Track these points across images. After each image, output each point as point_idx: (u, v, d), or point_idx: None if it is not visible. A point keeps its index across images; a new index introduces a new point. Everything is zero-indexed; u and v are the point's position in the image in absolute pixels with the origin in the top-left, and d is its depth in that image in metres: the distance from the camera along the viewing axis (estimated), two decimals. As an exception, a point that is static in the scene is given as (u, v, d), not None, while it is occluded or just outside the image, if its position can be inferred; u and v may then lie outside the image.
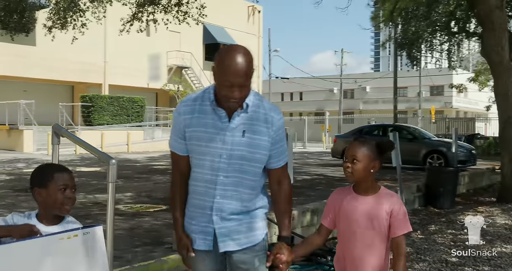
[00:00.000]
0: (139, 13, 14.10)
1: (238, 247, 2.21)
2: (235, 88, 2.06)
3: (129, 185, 9.73)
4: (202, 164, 2.17)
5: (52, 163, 2.40)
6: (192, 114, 2.18)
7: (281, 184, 2.30)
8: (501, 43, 7.57)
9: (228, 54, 2.09)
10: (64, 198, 2.09)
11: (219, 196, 2.18)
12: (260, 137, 2.17)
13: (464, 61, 31.18)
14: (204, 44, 32.12)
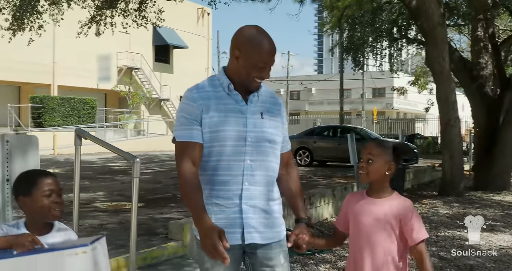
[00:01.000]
0: (98, 16, 14.31)
1: (262, 241, 2.11)
2: (268, 69, 2.10)
3: (97, 185, 10.05)
4: (223, 150, 2.07)
5: (34, 169, 2.27)
6: (208, 99, 2.09)
7: (289, 167, 2.29)
8: (443, 55, 8.52)
9: (260, 35, 2.10)
10: (50, 203, 2.01)
11: (247, 182, 2.09)
12: (276, 118, 2.19)
13: (405, 65, 32.81)
14: (154, 45, 32.21)
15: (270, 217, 2.14)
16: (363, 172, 2.26)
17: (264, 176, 2.12)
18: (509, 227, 6.69)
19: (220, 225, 1.93)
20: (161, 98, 31.71)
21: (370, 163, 2.24)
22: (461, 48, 23.89)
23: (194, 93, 2.11)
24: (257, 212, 2.10)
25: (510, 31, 19.76)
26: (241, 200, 2.07)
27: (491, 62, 12.38)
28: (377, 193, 2.28)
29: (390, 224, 2.23)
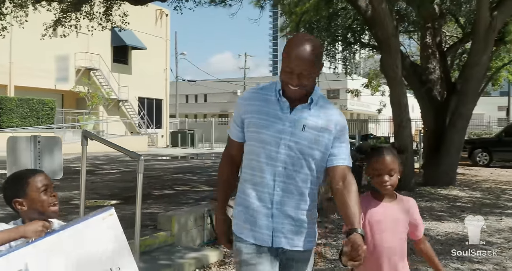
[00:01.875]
0: (63, 18, 14.48)
1: (289, 247, 2.18)
2: (294, 76, 2.09)
3: (69, 185, 10.34)
4: (259, 151, 2.16)
5: (20, 171, 2.23)
6: (254, 101, 2.21)
7: (346, 180, 2.18)
8: (396, 63, 9.34)
9: (293, 40, 2.12)
10: (48, 197, 2.03)
11: (279, 188, 2.15)
12: (321, 133, 2.16)
13: (358, 68, 34.01)
14: (113, 46, 32.17)
15: (300, 226, 2.18)
16: (388, 185, 2.34)
17: (295, 186, 2.15)
18: (453, 216, 7.53)
19: (255, 223, 2.16)
20: (119, 99, 31.70)
21: (393, 175, 2.34)
22: (411, 52, 25.07)
23: (247, 93, 2.29)
24: (287, 218, 2.16)
25: (456, 37, 20.95)
26: (273, 204, 2.15)
27: (438, 68, 13.41)
28: (388, 197, 2.40)
29: (404, 223, 2.38)
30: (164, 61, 36.78)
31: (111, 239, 1.89)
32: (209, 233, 5.81)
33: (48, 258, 1.75)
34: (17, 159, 3.18)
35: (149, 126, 33.42)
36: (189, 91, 56.32)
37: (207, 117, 51.39)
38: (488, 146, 18.90)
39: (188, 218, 5.48)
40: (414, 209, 2.41)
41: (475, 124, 35.73)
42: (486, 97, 52.45)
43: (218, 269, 4.79)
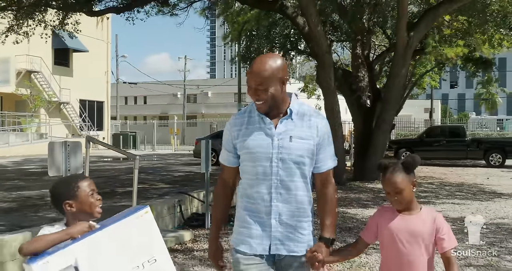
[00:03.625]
0: (16, 26, 15.00)
1: (287, 253, 2.31)
2: (252, 91, 2.26)
3: (36, 184, 11.15)
4: (256, 170, 2.30)
5: (69, 176, 2.51)
6: (241, 126, 2.35)
7: (325, 186, 2.38)
8: (329, 75, 10.86)
9: (254, 60, 2.30)
10: (95, 201, 2.23)
11: (275, 199, 2.28)
12: (307, 140, 2.29)
13: (295, 73, 35.77)
14: (53, 49, 32.20)
15: (296, 233, 2.31)
16: (398, 202, 2.39)
17: (291, 195, 2.29)
18: (376, 204, 9.10)
19: (251, 234, 2.31)
20: (61, 102, 31.81)
21: (399, 192, 2.36)
22: (344, 58, 26.88)
23: (232, 119, 2.43)
24: (284, 227, 2.29)
25: (384, 46, 22.87)
26: (271, 215, 2.28)
27: (367, 76, 15.16)
28: (408, 210, 2.41)
29: (425, 238, 2.36)
30: (105, 63, 37.04)
31: (147, 234, 2.06)
32: (178, 219, 7.01)
33: (94, 253, 1.94)
34: (54, 159, 4.25)
35: (90, 129, 33.65)
36: (128, 93, 56.29)
37: (147, 119, 51.75)
38: (411, 145, 21.02)
39: (163, 207, 6.67)
40: (439, 223, 2.38)
41: (403, 126, 38.10)
42: (414, 100, 55.96)
43: (192, 245, 6.02)
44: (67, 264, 1.89)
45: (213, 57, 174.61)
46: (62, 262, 1.89)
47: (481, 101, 67.66)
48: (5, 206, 7.94)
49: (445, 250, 2.35)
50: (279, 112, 2.31)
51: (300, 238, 2.32)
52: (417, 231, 2.36)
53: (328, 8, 14.98)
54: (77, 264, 1.91)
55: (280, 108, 2.31)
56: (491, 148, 19.65)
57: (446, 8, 11.66)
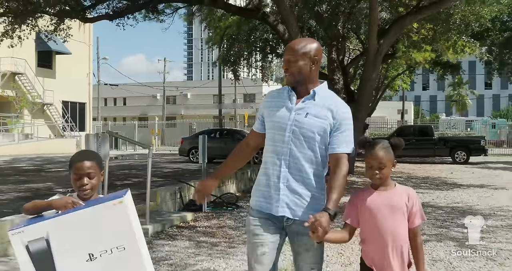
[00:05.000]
0: (10, 31, 15.76)
1: (292, 216, 2.49)
2: (285, 63, 2.56)
3: (37, 179, 12.07)
4: (274, 137, 2.56)
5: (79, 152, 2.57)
6: (272, 98, 2.66)
7: (337, 167, 2.48)
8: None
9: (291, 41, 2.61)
10: (78, 186, 2.32)
11: (285, 165, 2.50)
12: (321, 119, 2.50)
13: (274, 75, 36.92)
14: (37, 51, 32.76)
15: (303, 200, 2.50)
16: (378, 177, 2.51)
17: (300, 164, 2.50)
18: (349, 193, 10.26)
19: (265, 195, 2.55)
20: (44, 103, 32.39)
21: (382, 168, 2.49)
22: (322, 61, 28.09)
23: (269, 93, 2.74)
24: (291, 192, 2.50)
25: (358, 50, 24.13)
26: (279, 179, 2.50)
27: (342, 79, 16.39)
28: (384, 187, 2.55)
29: (403, 211, 2.51)
30: (87, 65, 37.68)
31: (118, 222, 2.12)
32: (178, 204, 8.07)
33: (66, 230, 2.08)
34: (89, 148, 5.27)
35: (73, 129, 34.27)
36: (108, 94, 56.73)
37: (127, 120, 52.33)
38: (384, 144, 22.35)
39: (166, 193, 7.74)
40: (413, 198, 2.53)
41: (377, 126, 39.46)
42: (388, 101, 57.66)
43: (194, 223, 7.10)
44: (39, 235, 2.08)
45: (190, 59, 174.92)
46: (34, 233, 2.08)
47: (452, 103, 69.95)
48: (22, 195, 8.88)
49: (415, 225, 2.53)
50: (306, 91, 2.56)
51: (306, 205, 2.48)
52: (395, 203, 2.50)
53: (305, 15, 16.15)
54: (48, 237, 2.08)
55: (308, 87, 2.56)
56: (457, 146, 21.11)
57: (412, 19, 12.94)
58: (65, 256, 2.09)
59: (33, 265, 2.07)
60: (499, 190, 11.36)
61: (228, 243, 5.79)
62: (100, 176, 2.40)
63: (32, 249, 2.06)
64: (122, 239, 2.13)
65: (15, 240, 2.06)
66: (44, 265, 2.07)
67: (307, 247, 2.49)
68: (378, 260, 2.51)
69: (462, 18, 15.97)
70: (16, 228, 2.09)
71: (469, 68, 71.74)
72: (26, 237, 2.06)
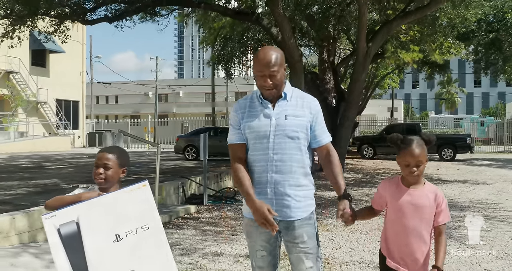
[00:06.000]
0: (11, 32, 16.19)
1: (283, 218, 2.57)
2: (265, 77, 2.53)
3: (41, 175, 12.56)
4: (257, 147, 2.59)
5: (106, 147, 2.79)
6: (244, 109, 2.65)
7: (329, 154, 2.63)
8: (300, 80, 12.61)
9: (259, 51, 2.61)
10: (94, 173, 2.53)
11: (271, 171, 2.56)
12: (301, 118, 2.59)
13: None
14: (31, 50, 33.07)
15: (292, 200, 2.56)
16: (416, 175, 2.51)
17: (287, 166, 2.56)
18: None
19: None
20: (38, 101, 32.74)
21: (419, 165, 2.50)
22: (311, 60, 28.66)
23: (236, 104, 2.72)
24: (280, 195, 2.56)
25: (348, 50, 24.75)
26: (267, 184, 2.56)
27: (332, 79, 17.04)
28: (414, 185, 2.56)
29: (428, 210, 2.52)
30: (80, 64, 38.03)
31: (143, 203, 2.31)
32: (181, 198, 8.65)
33: (95, 213, 2.25)
34: (106, 144, 5.81)
35: (66, 127, 34.64)
36: (100, 92, 57.03)
37: (119, 118, 52.66)
38: (373, 142, 23.06)
39: (170, 188, 8.32)
40: (440, 198, 2.55)
41: (368, 124, 40.14)
42: (378, 100, 58.47)
43: (197, 214, 7.70)
44: (70, 219, 2.22)
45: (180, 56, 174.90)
46: (66, 217, 2.22)
47: (441, 101, 70.97)
48: (33, 190, 9.37)
49: (440, 224, 2.54)
50: (277, 95, 2.63)
51: (296, 205, 2.57)
52: (421, 204, 2.51)
53: (297, 16, 16.74)
54: (78, 220, 2.22)
55: (280, 92, 2.63)
56: (444, 143, 21.81)
57: (399, 23, 13.58)
58: (94, 238, 2.22)
59: (63, 247, 2.18)
60: (480, 185, 12.06)
61: (231, 231, 6.39)
62: (120, 172, 2.57)
63: (63, 232, 2.20)
64: (146, 219, 2.29)
65: (48, 224, 2.20)
66: (74, 246, 2.19)
67: (299, 240, 2.59)
68: (396, 251, 2.57)
69: (448, 20, 16.65)
70: (49, 213, 2.24)
71: (459, 66, 72.86)
72: (58, 220, 2.21)
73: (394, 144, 2.60)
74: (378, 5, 15.64)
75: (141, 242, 2.26)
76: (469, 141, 22.65)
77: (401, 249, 2.54)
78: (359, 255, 5.29)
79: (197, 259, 5.05)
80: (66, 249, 2.18)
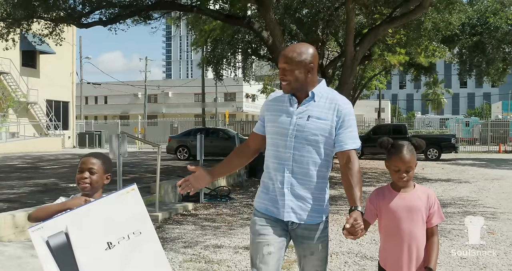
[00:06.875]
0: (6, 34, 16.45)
1: (297, 221, 2.52)
2: (280, 72, 2.51)
3: (39, 175, 12.89)
4: (276, 142, 2.54)
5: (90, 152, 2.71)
6: (273, 102, 2.62)
7: (349, 162, 2.49)
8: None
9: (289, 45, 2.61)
10: (79, 178, 2.45)
11: (288, 171, 2.50)
12: (324, 120, 2.50)
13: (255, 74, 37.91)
14: (21, 51, 33.19)
15: (307, 203, 2.51)
16: (406, 180, 2.52)
17: (304, 169, 2.50)
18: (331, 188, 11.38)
19: (268, 198, 2.57)
20: (28, 102, 32.89)
21: (409, 171, 2.51)
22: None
23: (270, 96, 2.72)
24: (296, 197, 2.51)
25: (336, 52, 25.23)
26: (283, 184, 2.51)
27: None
28: (405, 188, 2.56)
29: (421, 212, 2.53)
30: (71, 65, 38.20)
31: (133, 208, 2.22)
32: (178, 196, 9.07)
33: (84, 222, 2.15)
34: (112, 145, 6.24)
35: (57, 128, 34.80)
36: (89, 93, 57.05)
37: (108, 119, 52.78)
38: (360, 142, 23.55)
39: (168, 186, 8.74)
40: (432, 199, 2.55)
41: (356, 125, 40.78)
42: (366, 100, 59.24)
43: (195, 211, 8.13)
44: (58, 230, 2.11)
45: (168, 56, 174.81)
46: (54, 228, 2.11)
47: (428, 101, 71.96)
48: (34, 189, 9.74)
49: (433, 225, 2.55)
50: (305, 94, 2.54)
51: (311, 209, 2.51)
52: (414, 206, 2.51)
53: (287, 20, 17.21)
54: (67, 231, 2.12)
55: (307, 90, 2.53)
56: (429, 143, 22.37)
57: (385, 28, 14.10)
58: (85, 247, 2.13)
59: (54, 260, 2.09)
60: (463, 183, 12.62)
61: (228, 226, 6.83)
62: (104, 178, 2.50)
63: (52, 244, 2.10)
64: (138, 224, 2.22)
65: (35, 236, 2.10)
66: (64, 258, 2.10)
67: (312, 250, 2.55)
68: (392, 260, 2.56)
69: (433, 25, 17.23)
70: (35, 225, 2.13)
71: (445, 67, 73.94)
72: (46, 232, 2.10)
73: (384, 148, 2.59)
74: (365, 9, 16.15)
75: (134, 248, 2.21)
76: (453, 141, 23.29)
77: (398, 258, 2.54)
78: (348, 246, 5.75)
79: (199, 251, 5.48)
80: (57, 261, 2.10)
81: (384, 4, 14.97)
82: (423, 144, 2.57)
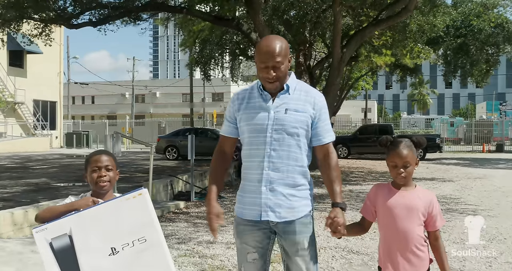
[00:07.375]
0: (-5, 34, 16.54)
1: (276, 219, 2.43)
2: (269, 69, 2.38)
3: (29, 175, 12.99)
4: (252, 141, 2.46)
5: (94, 151, 2.62)
6: (242, 100, 2.53)
7: (328, 156, 2.48)
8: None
9: (262, 40, 2.45)
10: (96, 177, 2.39)
11: (267, 167, 2.42)
12: (302, 113, 2.44)
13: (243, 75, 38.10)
14: (8, 50, 33.05)
15: (287, 200, 2.44)
16: (403, 176, 2.50)
17: (284, 164, 2.43)
18: (317, 186, 11.63)
19: (246, 202, 2.48)
20: (16, 102, 32.78)
21: (407, 167, 2.49)
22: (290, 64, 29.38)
23: (235, 95, 2.62)
24: (275, 194, 2.43)
25: (324, 53, 25.49)
26: (261, 182, 2.43)
27: (308, 82, 17.78)
28: (405, 187, 2.54)
29: (420, 213, 2.50)
30: (58, 65, 38.09)
31: (139, 214, 2.16)
32: (169, 195, 9.27)
33: (89, 225, 2.11)
34: (107, 145, 6.42)
35: (44, 128, 34.71)
36: (76, 93, 56.81)
37: (95, 119, 52.66)
38: (347, 142, 23.92)
39: (159, 185, 8.93)
40: (433, 202, 2.53)
41: (342, 125, 41.18)
42: (352, 101, 59.67)
43: (187, 209, 8.34)
44: (62, 232, 2.08)
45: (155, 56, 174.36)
46: (58, 230, 2.08)
47: (413, 102, 72.71)
48: (27, 188, 9.86)
49: (436, 228, 2.53)
50: (279, 87, 2.47)
51: (291, 205, 2.43)
52: (413, 205, 2.48)
53: (275, 21, 17.46)
54: (71, 233, 2.08)
55: (282, 84, 2.47)
56: (414, 143, 22.75)
57: (371, 30, 14.42)
58: (88, 251, 2.10)
59: (56, 262, 2.06)
60: (446, 182, 12.96)
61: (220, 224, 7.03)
62: (116, 174, 2.49)
63: (56, 246, 2.07)
64: (143, 231, 2.15)
65: (39, 238, 2.07)
66: (67, 261, 2.07)
67: (298, 246, 2.46)
68: (386, 258, 2.55)
69: (418, 27, 17.60)
70: (39, 226, 2.11)
71: (430, 68, 74.72)
72: (50, 234, 2.08)
73: (384, 146, 2.58)
74: (352, 12, 16.46)
75: (138, 256, 2.14)
76: (438, 141, 23.72)
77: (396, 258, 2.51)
78: (335, 241, 5.99)
79: (193, 246, 5.71)
80: (60, 264, 2.07)
81: (371, 7, 15.30)
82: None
